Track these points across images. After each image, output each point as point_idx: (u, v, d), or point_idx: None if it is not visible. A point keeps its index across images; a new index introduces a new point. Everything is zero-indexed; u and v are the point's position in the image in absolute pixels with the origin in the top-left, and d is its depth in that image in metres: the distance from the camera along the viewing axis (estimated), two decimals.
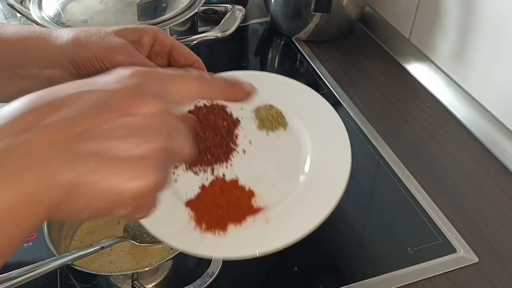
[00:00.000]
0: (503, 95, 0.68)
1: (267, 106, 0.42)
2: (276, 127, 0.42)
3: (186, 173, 0.39)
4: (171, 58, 0.44)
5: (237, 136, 0.41)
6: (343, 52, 0.90)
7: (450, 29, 0.76)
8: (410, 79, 0.83)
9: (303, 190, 0.38)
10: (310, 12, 0.84)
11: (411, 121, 0.74)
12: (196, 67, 0.43)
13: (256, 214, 0.37)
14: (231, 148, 0.40)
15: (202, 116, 0.40)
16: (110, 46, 0.39)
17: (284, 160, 0.40)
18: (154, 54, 0.43)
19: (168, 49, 0.43)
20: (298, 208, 0.37)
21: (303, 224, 0.36)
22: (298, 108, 0.42)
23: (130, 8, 0.68)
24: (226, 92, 0.36)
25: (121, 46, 0.40)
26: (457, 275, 0.53)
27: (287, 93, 0.43)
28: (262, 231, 0.36)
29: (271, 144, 0.41)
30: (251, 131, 0.41)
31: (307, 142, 0.40)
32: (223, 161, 0.39)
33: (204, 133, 0.39)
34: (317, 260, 0.55)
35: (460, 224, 0.58)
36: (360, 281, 0.52)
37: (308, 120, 0.41)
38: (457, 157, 0.68)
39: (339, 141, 0.40)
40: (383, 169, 0.66)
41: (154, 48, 0.43)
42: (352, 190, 0.64)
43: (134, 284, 0.43)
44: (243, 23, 0.96)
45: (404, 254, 0.55)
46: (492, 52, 0.68)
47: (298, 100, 0.43)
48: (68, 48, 0.40)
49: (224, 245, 0.35)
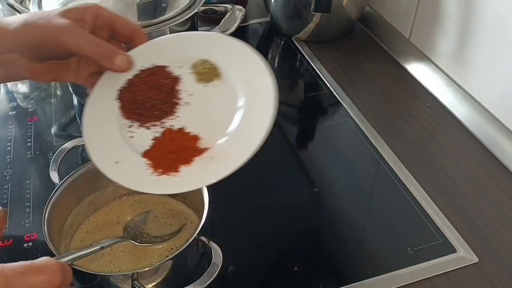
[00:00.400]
0: (503, 95, 0.68)
1: (201, 61, 0.47)
2: (212, 79, 0.47)
3: (140, 129, 0.44)
4: (113, 30, 0.48)
5: (179, 91, 0.46)
6: (343, 52, 0.90)
7: (450, 29, 0.76)
8: (410, 79, 0.83)
9: (238, 126, 0.43)
10: (310, 12, 0.84)
11: (411, 121, 0.74)
12: (136, 35, 0.48)
13: (201, 154, 0.42)
14: (175, 102, 0.46)
15: (146, 77, 0.46)
16: (56, 27, 0.43)
17: (222, 105, 0.45)
18: (97, 28, 0.46)
19: (109, 22, 0.47)
20: (236, 141, 0.42)
21: (242, 154, 0.42)
22: (229, 60, 0.48)
23: (130, 8, 0.68)
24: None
25: (66, 26, 0.43)
26: (457, 275, 0.53)
27: (219, 48, 0.49)
28: (209, 166, 0.41)
29: (209, 94, 0.46)
30: (191, 85, 0.47)
31: (238, 87, 0.46)
32: (170, 114, 0.45)
33: (150, 92, 0.46)
34: (317, 260, 0.55)
35: (460, 224, 0.59)
36: (360, 281, 0.52)
37: (238, 68, 0.47)
38: (457, 157, 0.68)
39: (263, 80, 0.46)
40: (383, 169, 0.66)
41: (97, 23, 0.46)
42: (352, 190, 0.64)
43: (134, 284, 0.43)
44: (243, 23, 0.96)
45: (404, 254, 0.55)
46: (492, 52, 0.68)
47: (228, 53, 0.48)
48: (20, 33, 0.44)
49: (178, 182, 0.41)
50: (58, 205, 0.49)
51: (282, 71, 0.90)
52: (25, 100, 0.79)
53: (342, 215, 0.60)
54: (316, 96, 0.81)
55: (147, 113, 0.45)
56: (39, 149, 0.69)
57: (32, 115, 0.75)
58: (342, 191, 0.63)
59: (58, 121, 0.75)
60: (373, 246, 0.57)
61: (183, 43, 0.49)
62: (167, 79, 0.47)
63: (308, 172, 0.67)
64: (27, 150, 0.69)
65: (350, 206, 0.61)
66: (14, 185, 0.63)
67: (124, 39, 0.49)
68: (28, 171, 0.65)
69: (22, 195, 0.62)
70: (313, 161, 0.68)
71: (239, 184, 0.64)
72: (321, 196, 0.62)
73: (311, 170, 0.67)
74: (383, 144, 0.70)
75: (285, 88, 0.86)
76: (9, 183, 0.64)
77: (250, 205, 0.61)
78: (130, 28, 0.48)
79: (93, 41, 0.44)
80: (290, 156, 0.69)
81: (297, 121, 0.78)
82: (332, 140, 0.72)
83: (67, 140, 0.60)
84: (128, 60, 0.46)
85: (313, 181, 0.65)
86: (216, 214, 0.59)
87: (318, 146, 0.72)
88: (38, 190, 0.62)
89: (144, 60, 0.48)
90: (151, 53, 0.48)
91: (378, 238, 0.57)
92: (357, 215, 0.60)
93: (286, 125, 0.76)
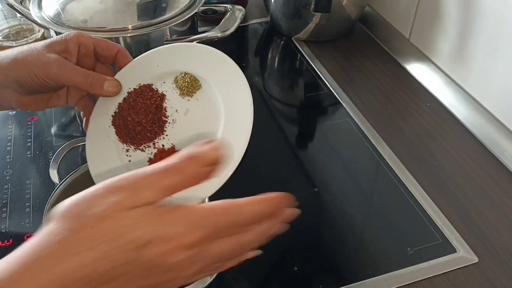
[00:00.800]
0: (503, 95, 0.68)
1: (182, 74, 0.48)
2: (194, 92, 0.48)
3: (136, 152, 0.46)
4: (97, 54, 0.50)
5: (166, 109, 0.47)
6: (343, 52, 0.90)
7: (450, 29, 0.76)
8: (410, 79, 0.83)
9: (220, 139, 0.45)
10: (310, 12, 0.84)
11: (411, 121, 0.74)
12: (120, 56, 0.49)
13: None
14: (163, 120, 0.47)
15: (133, 101, 0.47)
16: (44, 62, 0.45)
17: (205, 119, 0.47)
18: (81, 57, 0.49)
19: (92, 48, 0.49)
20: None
21: (227, 168, 0.42)
22: (207, 70, 0.48)
23: (129, 8, 0.68)
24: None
25: (53, 60, 0.46)
26: (457, 275, 0.53)
27: (198, 58, 0.49)
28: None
29: (193, 108, 0.47)
30: (175, 101, 0.48)
31: (218, 99, 0.46)
32: (160, 134, 0.47)
33: (138, 116, 0.47)
34: (317, 260, 0.55)
35: (460, 224, 0.58)
36: (360, 281, 0.52)
37: (217, 78, 0.47)
38: (457, 157, 0.68)
39: (241, 89, 0.46)
40: (383, 169, 0.66)
41: (81, 52, 0.48)
42: (352, 190, 0.64)
43: None
44: (243, 23, 0.96)
45: (404, 254, 0.55)
46: (492, 52, 0.68)
47: (206, 63, 0.48)
48: (9, 70, 0.46)
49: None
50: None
51: (282, 71, 0.90)
52: None
53: (342, 215, 0.60)
54: (316, 96, 0.81)
55: (139, 136, 0.47)
56: (39, 149, 0.69)
57: (32, 115, 0.75)
58: (342, 191, 0.63)
59: (58, 121, 0.75)
60: (373, 246, 0.57)
61: (163, 58, 0.50)
62: (152, 99, 0.48)
63: (308, 172, 0.67)
64: (27, 150, 0.69)
65: (350, 206, 0.61)
66: (14, 185, 0.63)
67: (109, 61, 0.51)
68: (28, 171, 0.65)
69: (22, 195, 0.62)
70: (313, 161, 0.68)
71: (239, 184, 0.64)
72: (321, 196, 0.62)
73: (311, 170, 0.67)
74: (383, 144, 0.70)
75: (285, 88, 0.86)
76: (9, 183, 0.64)
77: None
78: (113, 50, 0.50)
79: (80, 72, 0.46)
80: (290, 156, 0.69)
81: (297, 121, 0.78)
82: (332, 140, 0.72)
83: (67, 140, 0.60)
84: (115, 84, 0.48)
85: (313, 181, 0.65)
86: None
87: (318, 146, 0.72)
88: (38, 190, 0.62)
89: (129, 81, 0.49)
90: (135, 73, 0.49)
91: (378, 238, 0.57)
92: (357, 215, 0.60)
93: (286, 125, 0.76)
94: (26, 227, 0.58)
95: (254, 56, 0.91)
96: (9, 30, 0.91)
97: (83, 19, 0.66)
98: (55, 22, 0.67)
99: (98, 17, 0.67)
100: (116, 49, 0.50)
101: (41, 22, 0.67)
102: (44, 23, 0.67)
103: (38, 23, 0.68)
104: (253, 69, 0.88)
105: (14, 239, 0.56)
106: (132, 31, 0.66)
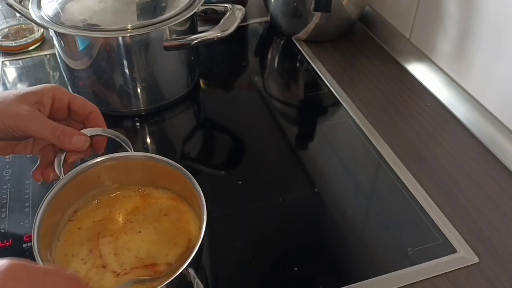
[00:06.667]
0: (504, 94, 0.68)
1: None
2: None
3: None
4: (70, 110, 0.51)
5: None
6: (343, 52, 0.90)
7: (450, 29, 0.76)
8: (410, 79, 0.83)
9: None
10: (310, 11, 0.84)
11: (411, 121, 0.74)
12: (92, 117, 0.51)
13: None
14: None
15: None
16: (15, 113, 0.46)
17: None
18: (55, 111, 0.49)
19: (67, 104, 0.50)
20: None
21: None
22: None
23: (129, 8, 0.68)
24: None
25: (24, 112, 0.46)
26: (457, 276, 0.53)
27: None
28: None
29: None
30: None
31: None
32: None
33: None
34: (317, 260, 0.55)
35: (460, 224, 0.58)
36: (360, 281, 0.52)
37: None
38: (457, 157, 0.68)
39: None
40: (383, 169, 0.66)
41: (55, 106, 0.49)
42: (352, 190, 0.64)
43: None
44: (243, 23, 0.96)
45: (404, 254, 0.55)
46: (492, 52, 0.68)
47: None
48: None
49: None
50: (53, 204, 0.48)
51: (282, 71, 0.90)
52: None
53: (342, 215, 0.60)
54: (316, 96, 0.81)
55: None
56: None
57: None
58: (342, 191, 0.63)
59: None
60: (373, 246, 0.57)
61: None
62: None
63: (308, 172, 0.67)
64: None
65: (350, 206, 0.61)
66: (13, 185, 0.63)
67: (80, 119, 0.51)
68: (27, 171, 0.65)
69: (22, 195, 0.62)
70: (313, 161, 0.68)
71: (239, 184, 0.64)
72: (321, 196, 0.62)
73: (311, 170, 0.67)
74: (383, 144, 0.70)
75: (285, 88, 0.86)
76: (8, 183, 0.64)
77: (250, 205, 0.61)
78: (87, 109, 0.51)
79: (50, 127, 0.47)
80: (290, 156, 0.69)
81: (297, 121, 0.78)
82: (332, 140, 0.72)
83: None
84: (84, 139, 0.49)
85: (313, 181, 0.65)
86: (216, 214, 0.59)
87: (318, 146, 0.71)
88: (37, 190, 0.62)
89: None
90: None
91: (378, 238, 0.57)
92: (357, 215, 0.60)
93: (286, 125, 0.75)
94: (26, 228, 0.57)
95: (254, 56, 0.91)
96: (8, 29, 0.91)
97: (83, 18, 0.66)
98: (55, 22, 0.67)
99: (97, 16, 0.66)
100: (91, 109, 0.51)
101: (40, 22, 0.67)
102: (43, 23, 0.67)
103: (38, 23, 0.68)
104: (253, 68, 0.88)
105: (13, 240, 0.56)
106: (131, 31, 0.65)
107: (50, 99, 0.49)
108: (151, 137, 0.74)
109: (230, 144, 0.73)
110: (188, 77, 0.78)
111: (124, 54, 0.68)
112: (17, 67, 0.87)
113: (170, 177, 0.50)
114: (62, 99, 0.49)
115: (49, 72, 0.86)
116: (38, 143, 0.52)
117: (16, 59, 0.88)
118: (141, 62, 0.70)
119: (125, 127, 0.74)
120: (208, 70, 0.88)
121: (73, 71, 0.72)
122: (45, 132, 0.47)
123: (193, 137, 0.74)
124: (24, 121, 0.46)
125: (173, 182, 0.51)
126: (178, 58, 0.74)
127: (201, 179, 0.49)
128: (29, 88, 0.48)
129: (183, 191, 0.52)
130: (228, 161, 0.69)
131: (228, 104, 0.80)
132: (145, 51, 0.69)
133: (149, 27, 0.66)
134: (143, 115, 0.75)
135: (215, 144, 0.73)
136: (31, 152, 0.52)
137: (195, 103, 0.80)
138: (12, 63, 0.88)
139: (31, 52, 0.90)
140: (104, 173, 0.51)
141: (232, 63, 0.92)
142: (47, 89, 0.49)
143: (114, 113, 0.75)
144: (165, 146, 0.72)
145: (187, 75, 0.78)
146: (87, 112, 0.51)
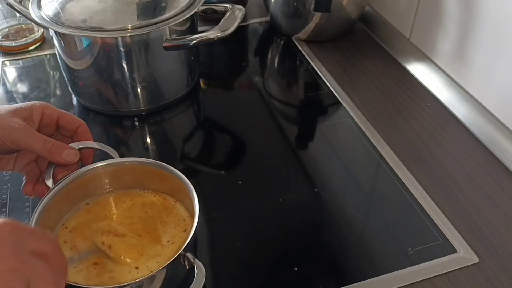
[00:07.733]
0: (503, 94, 0.68)
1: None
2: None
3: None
4: (59, 126, 0.52)
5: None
6: (343, 51, 0.90)
7: (450, 29, 0.76)
8: (410, 79, 0.83)
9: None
10: (310, 11, 0.84)
11: (411, 121, 0.74)
12: (80, 131, 0.52)
13: None
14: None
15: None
16: (8, 125, 0.47)
17: None
18: (43, 126, 0.51)
19: (55, 119, 0.51)
20: None
21: None
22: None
23: (129, 8, 0.68)
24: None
25: (18, 126, 0.47)
26: (457, 276, 0.53)
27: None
28: None
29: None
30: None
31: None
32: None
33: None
34: (317, 260, 0.55)
35: (460, 224, 0.58)
36: (360, 281, 0.52)
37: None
38: (457, 157, 0.68)
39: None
40: (383, 169, 0.66)
41: (43, 121, 0.51)
42: (352, 190, 0.64)
43: None
44: (243, 23, 0.96)
45: (404, 254, 0.55)
46: (492, 52, 0.68)
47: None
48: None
49: None
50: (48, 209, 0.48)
51: (282, 71, 0.90)
52: (24, 99, 0.79)
53: (342, 215, 0.60)
54: (316, 96, 0.81)
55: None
56: None
57: None
58: (342, 191, 0.63)
59: None
60: (373, 246, 0.57)
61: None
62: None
63: (308, 172, 0.67)
64: None
65: (350, 206, 0.61)
66: (13, 185, 0.63)
67: (69, 134, 0.53)
68: None
69: (21, 195, 0.61)
70: (313, 161, 0.68)
71: (239, 184, 0.64)
72: (321, 196, 0.62)
73: (311, 170, 0.67)
74: (383, 144, 0.70)
75: (285, 88, 0.86)
76: (8, 183, 0.64)
77: (250, 205, 0.61)
78: (75, 124, 0.52)
79: (41, 139, 0.48)
80: (290, 156, 0.69)
81: (297, 121, 0.78)
82: (332, 140, 0.72)
83: None
84: (74, 153, 0.50)
85: (313, 181, 0.65)
86: (216, 214, 0.59)
87: (318, 146, 0.71)
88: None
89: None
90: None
91: (378, 238, 0.57)
92: (357, 215, 0.60)
93: (286, 125, 0.75)
94: None
95: (254, 56, 0.91)
96: (8, 29, 0.91)
97: (83, 18, 0.66)
98: (55, 22, 0.67)
99: (97, 16, 0.66)
100: (78, 123, 0.52)
101: (40, 22, 0.67)
102: (44, 23, 0.67)
103: (38, 23, 0.68)
104: (253, 68, 0.88)
105: None
106: (131, 31, 0.65)
107: (39, 115, 0.50)
108: (151, 137, 0.74)
109: (230, 144, 0.73)
110: (188, 77, 0.78)
111: (124, 54, 0.68)
112: (17, 67, 0.87)
113: (158, 177, 0.51)
114: (51, 115, 0.51)
115: (49, 72, 0.86)
116: (22, 159, 0.52)
117: (16, 59, 0.88)
118: (141, 62, 0.70)
119: (125, 127, 0.74)
120: (208, 70, 0.88)
121: (73, 71, 0.72)
122: (37, 145, 0.48)
123: (193, 137, 0.74)
124: (17, 133, 0.47)
125: (162, 182, 0.52)
126: (178, 58, 0.74)
127: (201, 179, 0.49)
128: (19, 104, 0.50)
129: (173, 190, 0.52)
130: (228, 161, 0.69)
131: (228, 104, 0.80)
132: (145, 51, 0.69)
133: (149, 27, 0.66)
134: (143, 115, 0.75)
135: (215, 144, 0.73)
136: (13, 168, 0.53)
137: (195, 103, 0.80)
138: (12, 63, 0.88)
139: (31, 52, 0.90)
140: (97, 180, 0.52)
141: (232, 63, 0.92)
142: (36, 105, 0.50)
143: (114, 113, 0.75)
144: (165, 146, 0.72)
145: (187, 75, 0.78)
146: (75, 127, 0.52)
